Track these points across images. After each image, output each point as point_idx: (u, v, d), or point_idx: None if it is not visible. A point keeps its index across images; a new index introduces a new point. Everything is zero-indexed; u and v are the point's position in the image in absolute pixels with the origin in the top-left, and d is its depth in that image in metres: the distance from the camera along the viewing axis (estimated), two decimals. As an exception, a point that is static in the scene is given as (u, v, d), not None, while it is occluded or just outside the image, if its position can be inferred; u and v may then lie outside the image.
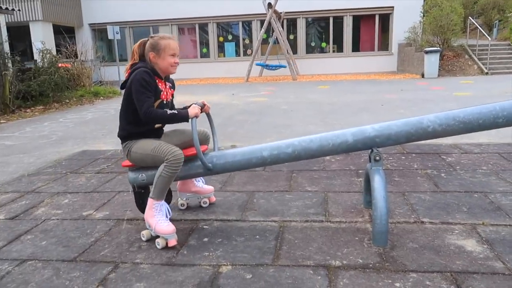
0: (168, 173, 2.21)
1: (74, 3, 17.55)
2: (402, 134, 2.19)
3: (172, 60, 2.33)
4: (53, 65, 9.87)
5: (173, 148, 2.24)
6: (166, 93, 2.41)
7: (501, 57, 14.37)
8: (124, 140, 2.40)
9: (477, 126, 2.13)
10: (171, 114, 2.26)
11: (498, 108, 2.10)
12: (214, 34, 17.93)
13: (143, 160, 2.33)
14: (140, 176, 2.40)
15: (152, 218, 2.26)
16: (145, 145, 2.31)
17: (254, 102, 8.85)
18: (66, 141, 5.45)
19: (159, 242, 2.22)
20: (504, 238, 2.14)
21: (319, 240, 2.21)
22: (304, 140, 2.30)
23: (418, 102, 7.72)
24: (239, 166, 2.39)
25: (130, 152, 2.36)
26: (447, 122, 2.15)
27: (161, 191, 2.27)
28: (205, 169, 2.38)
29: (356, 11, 16.93)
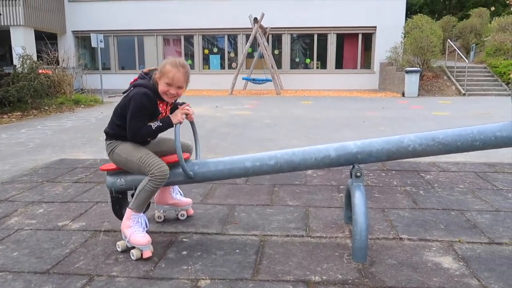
0: (151, 187, 2.19)
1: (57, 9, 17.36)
2: (383, 152, 2.23)
3: (166, 88, 2.22)
4: (33, 71, 9.69)
5: (159, 163, 2.21)
6: (164, 113, 2.37)
7: (478, 79, 14.87)
8: (109, 138, 2.34)
9: (455, 148, 2.19)
10: (156, 128, 2.23)
11: (476, 132, 2.17)
12: (199, 46, 17.99)
13: (126, 165, 2.29)
14: (119, 181, 2.35)
15: (128, 229, 2.22)
16: (132, 151, 2.26)
17: (238, 115, 8.87)
18: (44, 149, 5.32)
19: (134, 253, 2.17)
20: (479, 256, 2.18)
21: (299, 255, 2.21)
22: (287, 153, 2.31)
23: (398, 120, 7.88)
24: (221, 175, 2.37)
25: (114, 152, 2.30)
26: (427, 142, 2.20)
27: (142, 204, 2.23)
28: (186, 177, 2.34)
29: (340, 30, 17.31)
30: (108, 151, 2.34)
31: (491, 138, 2.15)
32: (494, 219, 2.69)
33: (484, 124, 2.20)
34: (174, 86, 2.22)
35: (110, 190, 2.39)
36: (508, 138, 2.14)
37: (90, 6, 17.82)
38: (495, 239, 2.38)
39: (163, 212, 2.72)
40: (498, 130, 2.15)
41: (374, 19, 16.75)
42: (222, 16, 17.25)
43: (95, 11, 17.65)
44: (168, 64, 2.22)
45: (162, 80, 2.22)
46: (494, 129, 2.16)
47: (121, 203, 2.41)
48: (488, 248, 2.28)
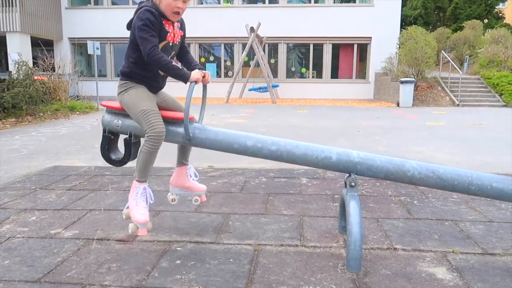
0: (148, 148, 2.18)
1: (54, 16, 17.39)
2: (382, 170, 2.24)
3: (174, 4, 2.14)
4: (29, 77, 9.66)
5: (157, 123, 2.18)
6: (173, 34, 2.30)
7: (472, 90, 15.03)
8: (124, 78, 2.30)
9: (451, 186, 2.23)
10: (174, 66, 2.19)
11: (474, 177, 2.21)
12: (196, 54, 18.06)
13: (129, 110, 2.27)
14: (116, 121, 2.32)
15: (132, 200, 2.23)
16: (139, 100, 2.23)
17: (233, 124, 8.88)
18: (38, 156, 5.28)
19: (130, 227, 2.22)
20: (473, 267, 2.18)
21: (294, 265, 2.20)
22: (290, 144, 2.31)
23: (393, 130, 7.93)
24: (219, 146, 2.33)
25: (125, 93, 2.27)
26: (427, 173, 2.22)
27: (143, 169, 2.22)
28: (185, 138, 2.31)
29: (335, 40, 17.48)
30: (119, 91, 2.30)
31: (487, 187, 2.20)
32: (487, 230, 2.71)
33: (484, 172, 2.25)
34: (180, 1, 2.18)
35: (104, 128, 2.35)
36: (503, 191, 2.19)
37: (87, 13, 17.89)
38: (489, 250, 2.39)
39: (177, 195, 2.70)
40: (495, 181, 2.21)
41: (369, 29, 16.95)
42: (219, 25, 17.37)
43: (92, 18, 17.71)
44: None
45: None
46: (492, 179, 2.21)
47: (110, 145, 2.37)
48: (482, 258, 2.28)
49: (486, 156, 5.36)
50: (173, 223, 2.79)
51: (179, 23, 2.39)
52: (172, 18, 2.25)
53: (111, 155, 2.38)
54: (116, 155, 2.43)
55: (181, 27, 2.42)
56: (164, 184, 3.78)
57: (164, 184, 3.78)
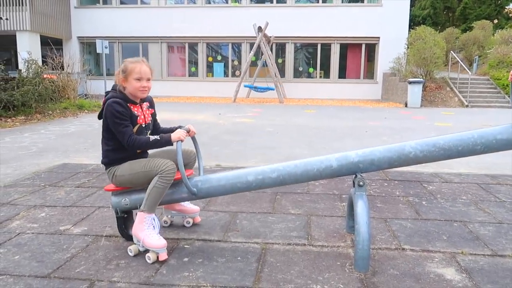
0: (162, 184, 2.20)
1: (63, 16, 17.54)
2: (384, 160, 2.23)
3: (138, 84, 2.28)
4: (38, 75, 9.75)
5: (164, 160, 2.24)
6: (144, 116, 2.39)
7: (481, 91, 14.88)
8: (107, 166, 2.37)
9: (456, 153, 2.20)
10: (153, 141, 2.26)
11: (477, 136, 2.18)
12: (203, 53, 18.10)
13: (131, 181, 2.31)
14: (124, 200, 2.36)
15: (142, 232, 2.22)
16: (133, 166, 2.30)
17: (240, 123, 8.89)
18: (47, 153, 5.33)
19: (150, 257, 2.18)
20: (482, 268, 2.16)
21: (301, 264, 2.20)
22: (289, 166, 2.31)
23: (400, 130, 7.88)
24: (224, 191, 2.38)
25: (115, 176, 2.33)
26: (428, 148, 2.20)
27: (153, 203, 2.24)
28: (190, 194, 2.37)
29: (343, 40, 17.41)
30: (110, 178, 2.37)
31: (492, 142, 2.16)
32: (497, 231, 2.68)
33: (484, 129, 2.21)
34: (144, 79, 2.29)
35: (116, 210, 2.40)
36: (509, 141, 2.15)
37: (96, 12, 18.01)
38: (498, 251, 2.37)
39: (171, 217, 2.73)
40: (498, 133, 2.16)
41: (377, 29, 16.85)
42: (227, 24, 17.39)
43: (101, 17, 17.83)
44: (128, 63, 2.30)
45: (130, 78, 2.28)
46: (495, 132, 2.17)
47: (126, 223, 2.42)
48: (491, 260, 2.26)
49: (495, 158, 5.30)
50: (181, 221, 2.80)
51: (148, 102, 2.47)
52: (140, 95, 2.34)
53: (130, 231, 2.39)
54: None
55: (150, 105, 2.50)
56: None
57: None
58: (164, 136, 2.28)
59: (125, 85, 2.31)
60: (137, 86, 2.29)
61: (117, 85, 2.35)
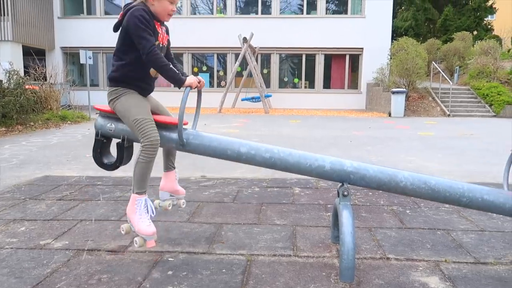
0: (144, 158, 2.16)
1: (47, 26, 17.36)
2: (375, 180, 2.25)
3: (170, 7, 2.23)
4: (20, 86, 9.59)
5: (151, 132, 2.18)
6: (162, 36, 2.33)
7: (462, 101, 15.23)
8: (115, 84, 2.26)
9: (442, 198, 2.25)
10: (170, 68, 2.18)
11: (466, 189, 2.24)
12: (189, 64, 18.10)
13: (123, 118, 2.24)
14: (109, 125, 2.30)
15: (133, 215, 2.18)
16: (133, 107, 2.21)
17: (226, 134, 8.88)
18: (28, 166, 5.22)
19: (137, 241, 2.15)
20: (465, 276, 2.18)
21: (287, 275, 2.18)
22: (284, 151, 2.30)
23: (385, 140, 7.98)
24: (212, 152, 2.31)
25: (117, 101, 2.24)
26: (419, 184, 2.24)
27: (141, 180, 2.20)
28: (178, 143, 2.29)
29: (327, 50, 17.65)
30: (110, 97, 2.27)
31: (478, 199, 2.23)
32: (479, 239, 2.72)
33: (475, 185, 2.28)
34: (175, 3, 2.26)
35: (97, 131, 2.32)
36: (493, 204, 2.23)
37: (80, 23, 17.89)
38: (481, 259, 2.40)
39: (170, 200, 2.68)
40: (486, 194, 2.24)
41: (361, 41, 17.15)
42: (212, 35, 17.46)
43: (85, 28, 17.70)
44: None
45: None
46: (483, 191, 2.24)
47: (103, 149, 2.34)
48: (474, 268, 2.29)
49: (477, 166, 5.41)
50: (165, 233, 2.76)
51: (164, 27, 2.41)
52: (166, 19, 2.31)
53: (103, 159, 2.36)
54: (108, 159, 2.40)
55: (167, 31, 2.45)
56: (155, 194, 3.74)
57: (155, 194, 3.74)
58: (179, 75, 2.21)
59: (153, 2, 2.22)
60: (169, 8, 2.23)
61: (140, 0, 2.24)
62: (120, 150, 2.32)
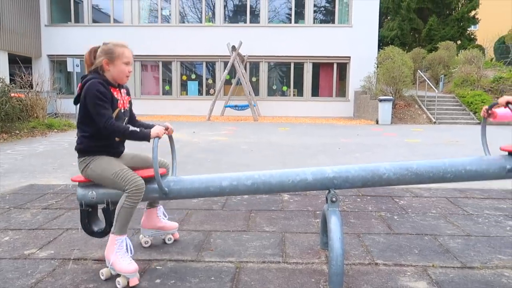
0: (129, 204, 2.14)
1: (33, 33, 17.19)
2: (358, 178, 2.27)
3: (127, 69, 2.26)
4: (5, 94, 9.44)
5: (135, 178, 2.17)
6: (122, 101, 2.33)
7: (447, 108, 15.48)
8: (82, 155, 2.27)
9: (427, 179, 2.28)
10: (132, 131, 2.18)
11: (448, 165, 2.27)
12: (177, 72, 18.09)
13: (101, 180, 2.23)
14: (90, 193, 2.27)
15: (113, 255, 2.13)
16: (106, 166, 2.21)
17: (215, 141, 8.86)
18: (13, 174, 5.13)
19: (120, 282, 2.09)
20: (452, 280, 2.21)
21: (276, 282, 2.17)
22: (264, 175, 2.31)
23: (372, 147, 8.05)
24: (196, 193, 2.32)
25: (88, 169, 2.23)
26: (401, 171, 2.27)
27: (124, 224, 2.17)
28: (161, 193, 2.29)
29: (315, 59, 17.82)
30: (81, 168, 2.27)
31: (461, 172, 2.27)
32: (465, 244, 2.75)
33: (455, 158, 2.31)
34: (131, 63, 2.28)
35: (80, 202, 2.30)
36: (477, 172, 2.27)
37: (67, 31, 17.77)
38: (467, 263, 2.43)
39: (149, 236, 2.65)
40: (468, 164, 2.28)
41: (348, 49, 17.37)
42: (200, 43, 17.49)
43: (72, 36, 17.58)
44: (114, 46, 2.24)
45: (118, 61, 2.22)
46: (465, 163, 2.28)
47: (90, 218, 2.31)
48: (461, 272, 2.31)
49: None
50: (153, 241, 2.73)
51: (125, 89, 2.42)
52: (124, 81, 2.32)
53: (93, 227, 2.31)
54: (98, 226, 2.36)
55: (127, 92, 2.46)
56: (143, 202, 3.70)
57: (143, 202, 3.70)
58: (144, 130, 2.20)
59: (109, 68, 2.22)
60: (125, 70, 2.25)
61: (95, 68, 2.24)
62: (107, 214, 2.29)
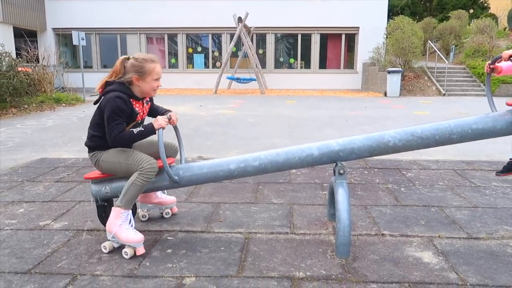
0: (141, 181, 2.19)
1: (37, 6, 16.99)
2: (364, 149, 2.27)
3: (156, 84, 2.31)
4: (12, 68, 9.46)
5: (147, 157, 2.23)
6: (142, 112, 2.38)
7: (457, 80, 15.21)
8: (92, 150, 2.35)
9: (433, 142, 2.26)
10: (138, 133, 2.23)
11: (453, 125, 2.25)
12: (183, 45, 17.87)
13: (114, 169, 2.29)
14: (104, 188, 2.34)
15: (118, 228, 2.19)
16: (117, 154, 2.27)
17: (222, 114, 8.86)
18: (24, 148, 5.21)
19: (127, 252, 2.16)
20: (458, 250, 2.24)
21: (284, 252, 2.23)
22: (271, 154, 2.33)
23: (380, 120, 8.00)
24: (206, 179, 2.38)
25: (99, 161, 2.31)
26: (407, 137, 2.26)
27: (131, 199, 2.22)
28: (171, 182, 2.35)
29: (323, 30, 17.45)
30: (93, 162, 2.34)
31: (467, 131, 2.24)
32: (472, 215, 2.77)
33: (460, 118, 2.28)
34: (160, 79, 2.33)
35: (96, 198, 2.37)
36: (484, 130, 2.24)
37: (71, 3, 17.51)
38: (473, 234, 2.46)
39: (147, 210, 2.71)
40: (474, 123, 2.25)
41: (356, 19, 16.95)
42: (206, 15, 17.18)
43: (76, 8, 17.35)
44: (145, 62, 2.26)
45: (149, 78, 2.26)
46: (470, 122, 2.25)
47: (107, 212, 2.38)
48: (467, 242, 2.35)
49: (472, 145, 5.45)
50: (158, 213, 2.79)
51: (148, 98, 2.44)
52: (152, 94, 2.37)
53: None
54: None
55: (149, 100, 2.48)
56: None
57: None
58: (147, 126, 2.26)
59: (138, 84, 2.27)
60: (155, 86, 2.31)
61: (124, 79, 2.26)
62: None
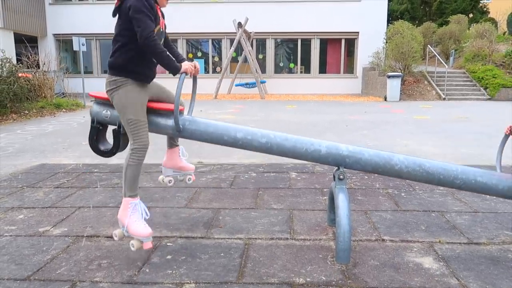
0: (134, 161, 2.18)
1: (38, 12, 17.07)
2: (370, 163, 2.27)
3: None
4: (13, 74, 9.47)
5: (143, 135, 2.19)
6: (162, 25, 2.33)
7: (457, 84, 15.23)
8: (115, 72, 2.19)
9: (437, 180, 2.28)
10: (167, 56, 2.17)
11: (460, 171, 2.27)
12: (183, 50, 17.92)
13: (119, 111, 2.21)
14: (105, 112, 2.30)
15: (128, 218, 2.17)
16: (129, 104, 2.17)
17: (222, 119, 8.87)
18: (24, 154, 5.21)
19: (134, 244, 2.15)
20: (459, 256, 2.23)
21: (284, 258, 2.22)
22: (280, 136, 2.32)
23: (380, 124, 8.00)
24: (209, 138, 2.32)
25: (115, 93, 2.18)
26: (414, 167, 2.27)
27: (132, 184, 2.20)
28: (174, 129, 2.30)
29: (323, 35, 17.51)
30: (108, 88, 2.21)
31: (471, 181, 2.26)
32: (472, 220, 2.77)
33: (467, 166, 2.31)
34: None
35: (93, 118, 2.33)
36: (486, 185, 2.26)
37: (72, 9, 17.60)
38: (474, 239, 2.45)
39: (172, 176, 2.72)
40: (479, 175, 2.27)
41: (356, 24, 17.01)
42: (206, 20, 17.25)
43: (77, 14, 17.43)
44: None
45: None
46: (476, 173, 2.27)
47: (99, 136, 2.35)
48: (467, 248, 2.34)
49: (471, 149, 5.45)
50: (163, 219, 2.79)
51: (161, 11, 2.38)
52: (165, 4, 2.31)
53: (99, 145, 2.36)
54: (104, 146, 2.40)
55: (163, 15, 2.42)
56: (153, 181, 3.77)
57: (153, 181, 3.77)
58: (175, 62, 2.23)
59: None
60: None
61: None
62: (116, 136, 2.32)
